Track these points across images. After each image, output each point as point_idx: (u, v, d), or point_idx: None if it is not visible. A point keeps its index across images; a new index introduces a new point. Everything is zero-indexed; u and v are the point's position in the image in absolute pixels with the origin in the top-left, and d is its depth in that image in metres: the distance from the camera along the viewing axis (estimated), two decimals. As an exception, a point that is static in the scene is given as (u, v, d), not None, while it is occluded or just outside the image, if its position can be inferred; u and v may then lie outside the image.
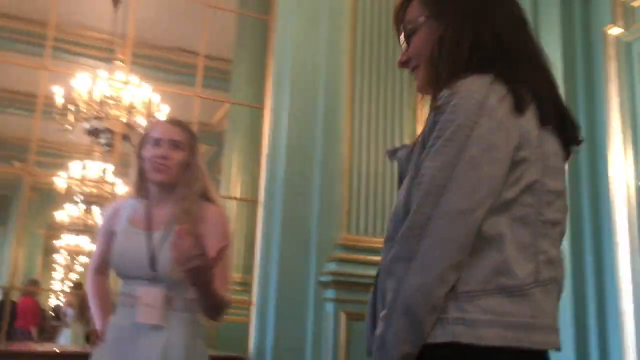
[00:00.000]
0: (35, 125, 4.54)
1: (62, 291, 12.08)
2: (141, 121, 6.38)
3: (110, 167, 8.43)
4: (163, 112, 6.45)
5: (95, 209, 10.89)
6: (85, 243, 14.35)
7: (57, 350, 5.40)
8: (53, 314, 11.85)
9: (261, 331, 4.20)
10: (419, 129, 3.65)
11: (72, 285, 16.91)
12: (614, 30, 4.17)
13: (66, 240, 14.29)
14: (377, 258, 4.10)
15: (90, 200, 9.37)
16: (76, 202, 10.12)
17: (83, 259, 16.86)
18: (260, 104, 4.84)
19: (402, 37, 1.22)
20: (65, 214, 11.32)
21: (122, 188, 10.90)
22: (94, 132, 6.42)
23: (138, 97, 6.24)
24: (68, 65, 6.00)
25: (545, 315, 0.97)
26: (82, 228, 11.66)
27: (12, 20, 5.91)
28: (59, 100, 5.84)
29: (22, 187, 10.61)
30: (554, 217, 1.00)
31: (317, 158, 4.38)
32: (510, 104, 0.95)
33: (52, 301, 16.66)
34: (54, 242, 15.24)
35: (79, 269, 18.71)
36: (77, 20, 6.51)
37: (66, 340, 7.75)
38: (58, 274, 19.77)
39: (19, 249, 6.31)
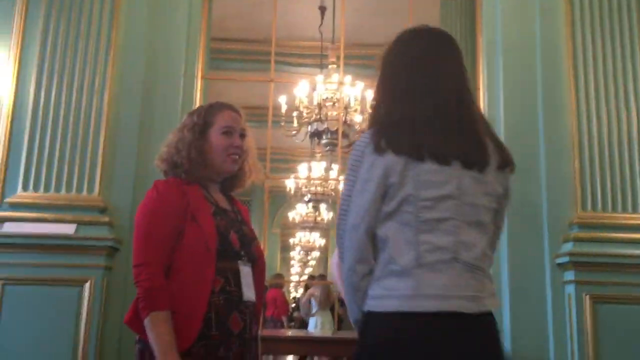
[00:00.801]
0: (267, 134, 5.04)
1: (306, 282, 13.08)
2: (357, 118, 6.68)
3: (334, 166, 8.96)
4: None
5: (322, 206, 11.67)
6: (316, 238, 15.44)
7: (311, 336, 5.93)
8: (294, 305, 12.96)
9: (497, 316, 4.11)
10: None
11: (307, 278, 18.30)
12: None
13: (299, 237, 15.53)
14: (621, 235, 3.82)
15: (317, 199, 10.03)
16: (305, 202, 10.93)
17: (315, 254, 18.15)
18: (473, 85, 4.74)
19: None
20: (296, 213, 12.33)
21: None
22: (316, 134, 6.90)
23: (352, 95, 6.54)
24: (289, 76, 6.53)
25: (432, 287, 1.30)
26: (312, 225, 12.58)
27: (239, 43, 6.62)
28: (284, 108, 6.39)
29: (259, 192, 11.78)
30: (438, 215, 1.32)
31: (540, 133, 4.15)
32: (373, 149, 1.36)
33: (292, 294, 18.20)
34: (290, 239, 16.67)
35: (312, 262, 20.17)
36: (287, 33, 7.05)
37: (313, 327, 8.39)
38: (294, 268, 21.58)
39: (265, 247, 6.94)
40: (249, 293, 1.63)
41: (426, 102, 1.39)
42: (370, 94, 6.46)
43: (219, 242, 1.60)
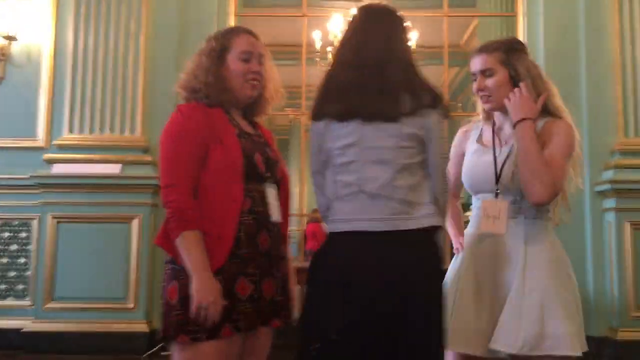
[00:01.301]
0: (302, 71, 5.02)
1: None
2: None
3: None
4: (413, 38, 6.53)
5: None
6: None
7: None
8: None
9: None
10: None
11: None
12: None
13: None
14: (664, 160, 3.71)
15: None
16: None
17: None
18: (511, 11, 4.60)
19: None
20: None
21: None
22: (351, 70, 6.83)
23: (387, 29, 6.40)
24: (322, 10, 6.43)
25: (341, 213, 1.65)
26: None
27: (270, -22, 6.52)
28: (318, 44, 6.31)
29: (297, 130, 11.83)
30: (345, 160, 1.65)
31: (582, 58, 4.03)
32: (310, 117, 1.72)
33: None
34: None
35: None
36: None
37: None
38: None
39: (302, 184, 7.06)
40: (275, 214, 1.66)
41: (348, 72, 1.69)
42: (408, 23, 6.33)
43: (244, 164, 1.60)
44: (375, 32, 1.74)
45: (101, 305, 3.75)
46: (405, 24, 1.78)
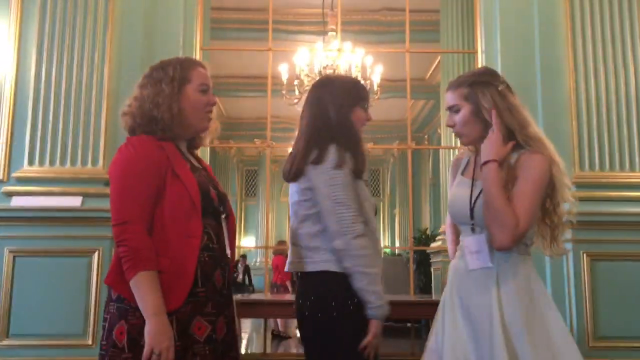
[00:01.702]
0: (267, 103, 5.06)
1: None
2: (358, 85, 6.68)
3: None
4: (377, 73, 6.67)
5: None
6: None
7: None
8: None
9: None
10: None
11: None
12: None
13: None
14: (618, 193, 3.87)
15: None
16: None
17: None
18: (471, 48, 4.74)
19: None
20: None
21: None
22: (317, 103, 6.91)
23: (353, 62, 6.53)
24: (288, 44, 6.52)
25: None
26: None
27: (237, 12, 6.60)
28: (285, 77, 6.39)
29: (264, 161, 11.84)
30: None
31: (538, 94, 4.17)
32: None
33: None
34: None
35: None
36: (285, 1, 6.98)
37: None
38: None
39: (268, 215, 7.05)
40: (227, 249, 1.66)
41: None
42: (370, 60, 6.46)
43: (202, 199, 1.57)
44: (309, 100, 2.03)
45: (58, 342, 3.65)
46: (346, 88, 1.96)
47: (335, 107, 1.95)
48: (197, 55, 4.44)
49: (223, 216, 1.66)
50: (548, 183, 1.66)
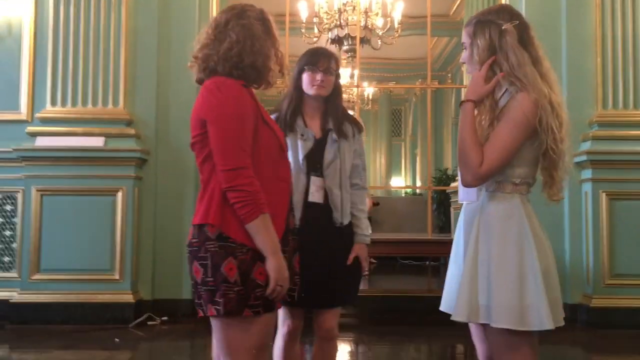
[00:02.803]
0: (285, 41, 5.01)
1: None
2: (379, 23, 6.55)
3: (355, 72, 8.88)
4: (398, 9, 6.52)
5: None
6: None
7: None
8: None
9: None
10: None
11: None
12: None
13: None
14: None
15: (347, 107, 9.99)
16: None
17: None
18: (495, -17, 4.59)
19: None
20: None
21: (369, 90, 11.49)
22: (337, 41, 6.82)
23: (373, -1, 6.39)
24: (307, -20, 6.38)
25: None
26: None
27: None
28: (304, 15, 6.29)
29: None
30: None
31: (563, 29, 4.05)
32: None
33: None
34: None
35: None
36: None
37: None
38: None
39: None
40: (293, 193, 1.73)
41: None
42: (391, -3, 6.30)
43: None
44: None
45: (87, 277, 3.80)
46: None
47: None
48: (215, -8, 4.38)
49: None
50: (534, 126, 1.61)
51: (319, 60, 2.10)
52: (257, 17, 1.65)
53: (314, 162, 2.07)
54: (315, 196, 2.08)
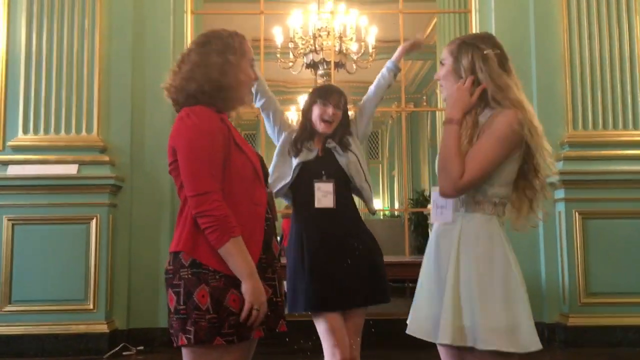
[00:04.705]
0: (260, 66, 5.03)
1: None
2: (354, 47, 6.61)
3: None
4: (372, 34, 6.59)
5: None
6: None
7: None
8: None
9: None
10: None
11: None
12: None
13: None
14: (610, 152, 3.87)
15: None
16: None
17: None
18: (465, 8, 4.69)
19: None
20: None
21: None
22: (312, 65, 6.85)
23: (347, 24, 6.45)
24: (281, 6, 6.43)
25: None
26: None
27: (229, -26, 6.48)
28: (279, 40, 6.32)
29: (261, 125, 11.81)
30: None
31: (532, 51, 4.14)
32: None
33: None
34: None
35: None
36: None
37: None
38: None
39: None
40: (275, 217, 1.69)
41: None
42: (364, 21, 6.39)
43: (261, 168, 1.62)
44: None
45: (60, 307, 3.72)
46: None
47: None
48: (189, 19, 4.40)
49: (267, 185, 1.68)
50: (519, 143, 1.63)
51: (332, 95, 2.31)
52: (222, 45, 1.64)
53: (316, 173, 2.22)
54: (323, 202, 2.11)
